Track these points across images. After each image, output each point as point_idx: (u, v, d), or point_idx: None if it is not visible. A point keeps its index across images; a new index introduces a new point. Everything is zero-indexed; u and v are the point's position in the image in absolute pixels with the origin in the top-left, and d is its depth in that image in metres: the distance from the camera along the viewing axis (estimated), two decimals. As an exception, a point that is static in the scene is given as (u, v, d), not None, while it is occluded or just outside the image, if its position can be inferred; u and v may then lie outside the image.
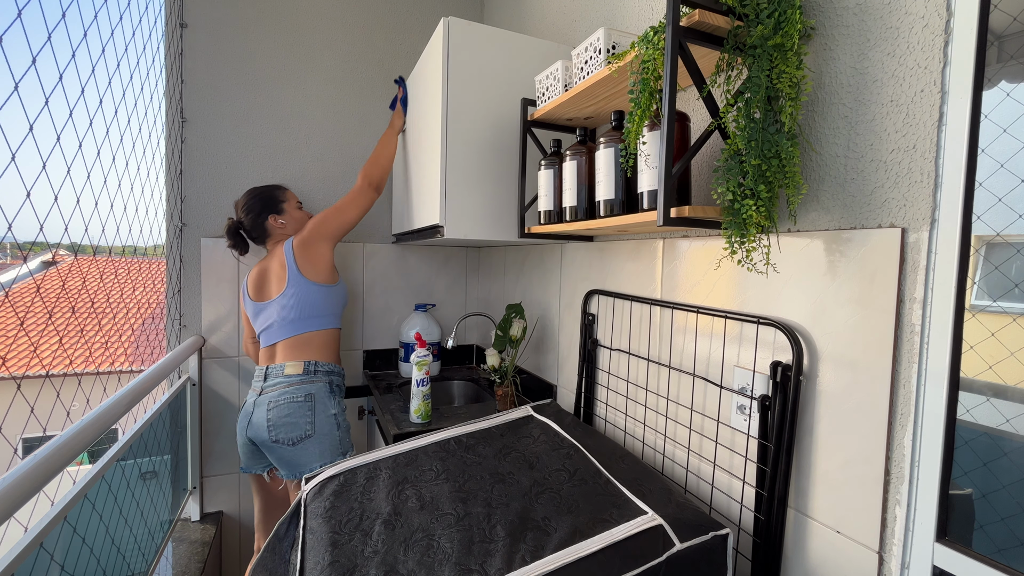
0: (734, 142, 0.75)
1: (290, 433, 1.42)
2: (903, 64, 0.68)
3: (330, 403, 1.49)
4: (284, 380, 1.48)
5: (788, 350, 0.82)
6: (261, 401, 1.46)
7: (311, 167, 1.99)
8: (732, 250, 0.77)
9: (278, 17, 1.91)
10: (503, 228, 1.45)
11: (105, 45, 1.18)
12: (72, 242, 1.06)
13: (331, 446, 1.46)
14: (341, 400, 1.56)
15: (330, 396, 1.50)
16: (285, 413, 1.43)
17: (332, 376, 1.54)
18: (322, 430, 1.45)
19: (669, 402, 1.09)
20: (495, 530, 0.80)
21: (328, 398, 1.49)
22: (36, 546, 0.84)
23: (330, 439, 1.46)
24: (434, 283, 2.21)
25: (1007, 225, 0.58)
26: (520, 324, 1.58)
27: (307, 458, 1.43)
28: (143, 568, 1.37)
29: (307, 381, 1.48)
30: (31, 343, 1.18)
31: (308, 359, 1.51)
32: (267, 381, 1.50)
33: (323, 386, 1.50)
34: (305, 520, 0.90)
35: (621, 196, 0.98)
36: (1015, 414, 0.58)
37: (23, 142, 0.83)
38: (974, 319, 0.61)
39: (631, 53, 0.87)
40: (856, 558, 0.74)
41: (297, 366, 1.49)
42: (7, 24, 0.79)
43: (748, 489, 0.89)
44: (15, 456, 2.67)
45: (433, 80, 1.43)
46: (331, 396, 1.50)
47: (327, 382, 1.51)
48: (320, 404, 1.47)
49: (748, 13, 0.74)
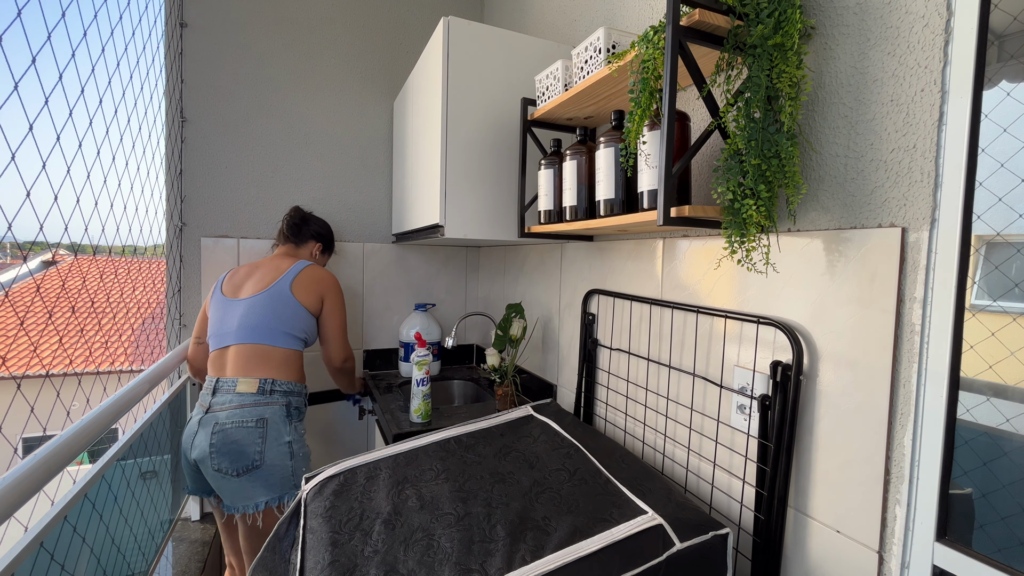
0: (734, 142, 0.75)
1: (234, 463, 1.25)
2: (903, 63, 0.68)
3: (284, 429, 1.31)
4: (235, 399, 1.30)
5: (788, 350, 0.82)
6: (207, 421, 1.29)
7: (311, 166, 1.99)
8: (732, 250, 0.77)
9: (278, 16, 1.91)
10: (503, 228, 1.45)
11: (105, 45, 1.18)
12: (72, 242, 1.06)
13: (280, 478, 1.29)
14: (300, 424, 1.38)
15: (285, 421, 1.33)
16: (231, 440, 1.26)
17: (291, 397, 1.36)
18: (272, 460, 1.28)
19: (669, 402, 1.09)
20: (495, 530, 0.80)
21: (283, 423, 1.32)
22: (36, 546, 0.84)
23: (280, 471, 1.29)
24: (434, 283, 2.21)
25: (1007, 225, 0.58)
26: (520, 324, 1.58)
27: (251, 491, 1.26)
28: (143, 568, 1.37)
29: (260, 403, 1.31)
30: (31, 343, 1.18)
31: (263, 376, 1.34)
32: (215, 397, 1.33)
33: (278, 410, 1.32)
34: (305, 519, 0.90)
35: (621, 196, 0.98)
36: (1015, 414, 0.58)
37: (23, 142, 0.83)
38: (974, 319, 0.61)
39: (631, 53, 0.87)
40: (856, 557, 0.74)
41: (251, 384, 1.32)
42: (7, 24, 0.79)
43: (748, 489, 0.89)
44: (15, 456, 2.67)
45: (433, 79, 1.43)
46: (286, 421, 1.33)
47: (284, 404, 1.34)
48: (273, 431, 1.29)
49: (748, 12, 0.74)
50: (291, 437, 1.33)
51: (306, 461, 1.38)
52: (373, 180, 2.09)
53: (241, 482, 1.26)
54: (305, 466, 1.36)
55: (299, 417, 1.39)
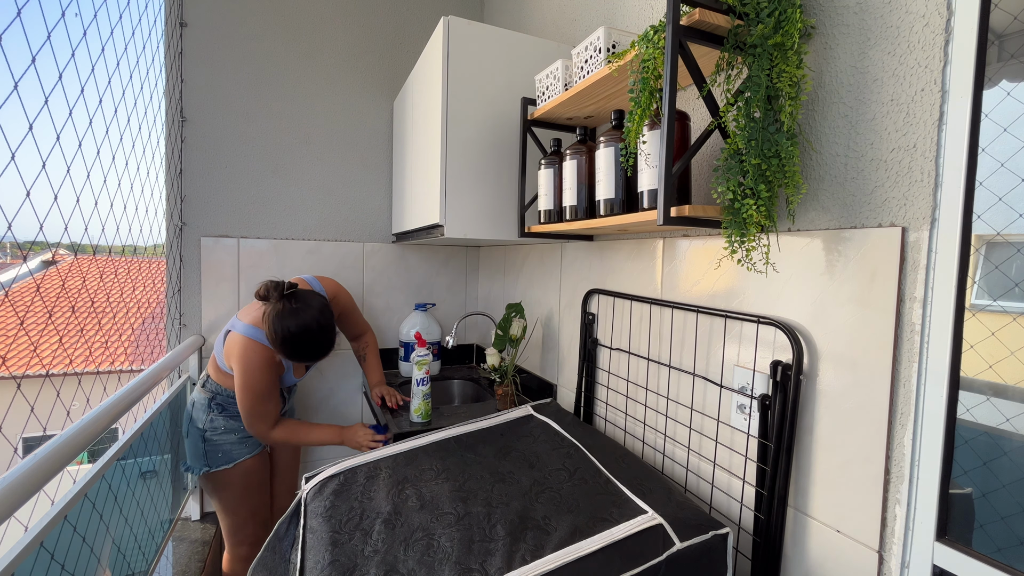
0: (734, 141, 0.75)
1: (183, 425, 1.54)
2: (903, 63, 0.68)
3: (202, 416, 1.48)
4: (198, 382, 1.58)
5: (788, 349, 0.82)
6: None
7: (311, 166, 1.99)
8: (732, 249, 0.77)
9: (278, 16, 1.91)
10: (503, 227, 1.45)
11: (105, 44, 1.18)
12: (72, 241, 1.06)
13: (194, 452, 1.48)
14: (218, 419, 1.47)
15: (205, 409, 1.48)
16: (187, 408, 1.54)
17: (216, 395, 1.49)
18: (192, 436, 1.49)
19: (669, 401, 1.09)
20: (495, 529, 0.80)
21: (203, 411, 1.48)
22: (36, 545, 0.84)
23: (194, 446, 1.48)
24: (434, 282, 2.21)
25: (1007, 224, 0.58)
26: (520, 323, 1.58)
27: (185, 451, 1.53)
28: (143, 567, 1.37)
29: (198, 389, 1.53)
30: (31, 342, 1.18)
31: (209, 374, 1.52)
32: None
33: (203, 398, 1.49)
34: (305, 519, 0.90)
35: (621, 195, 0.98)
36: (1015, 413, 0.58)
37: (23, 141, 0.83)
38: (974, 318, 0.61)
39: (631, 52, 0.86)
40: (856, 557, 0.74)
41: (204, 375, 1.55)
42: (7, 23, 0.79)
43: (748, 488, 0.89)
44: (15, 455, 2.67)
45: (433, 79, 1.43)
46: (206, 410, 1.48)
47: (207, 398, 1.49)
48: (197, 412, 1.49)
49: (748, 12, 0.74)
50: (205, 426, 1.47)
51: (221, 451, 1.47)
52: (373, 180, 2.09)
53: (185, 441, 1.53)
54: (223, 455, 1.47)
55: (220, 413, 1.49)
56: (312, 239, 2.00)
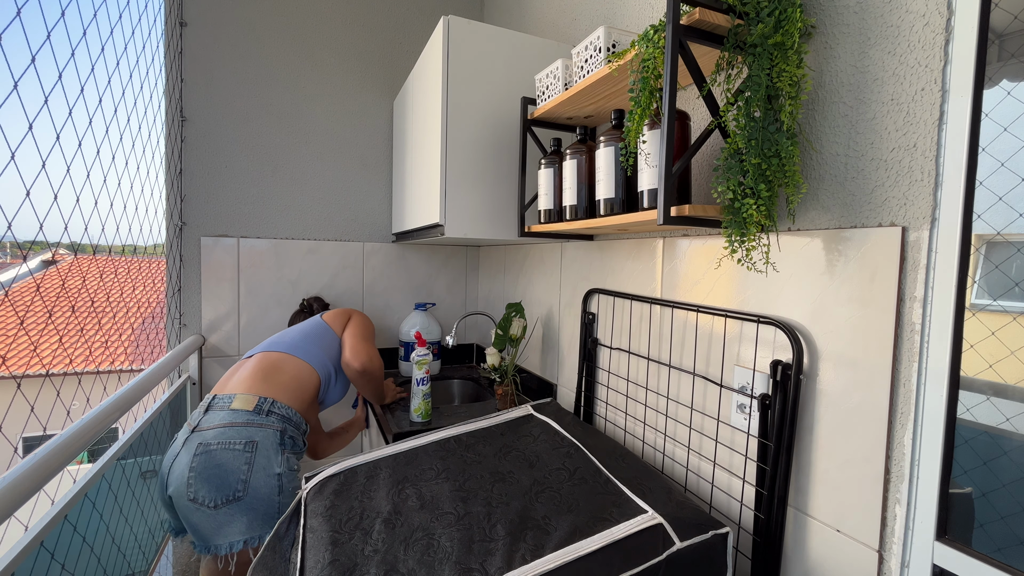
0: (734, 141, 0.75)
1: (213, 491, 1.06)
2: (904, 62, 0.68)
3: (275, 459, 1.14)
4: (227, 416, 1.15)
5: (788, 349, 0.82)
6: (192, 440, 1.12)
7: (311, 165, 1.99)
8: (732, 249, 0.77)
9: (278, 15, 1.91)
10: (503, 227, 1.45)
11: (105, 44, 1.18)
12: (72, 241, 1.06)
13: (264, 515, 1.10)
14: (292, 458, 1.19)
15: (277, 450, 1.15)
16: (215, 463, 1.08)
17: (287, 424, 1.20)
18: (257, 492, 1.09)
19: (669, 401, 1.09)
20: (495, 529, 0.80)
21: (275, 452, 1.14)
22: (36, 545, 0.84)
23: (266, 505, 1.10)
24: (434, 282, 2.21)
25: (1008, 224, 0.58)
26: (520, 323, 1.58)
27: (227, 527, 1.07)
28: (144, 567, 1.37)
29: (253, 423, 1.15)
30: (31, 342, 1.18)
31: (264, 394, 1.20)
32: (207, 414, 1.17)
33: (271, 434, 1.15)
34: (305, 519, 0.90)
35: (621, 195, 0.98)
36: (1015, 413, 0.58)
37: (22, 141, 0.83)
38: (974, 318, 0.61)
39: (631, 52, 0.86)
40: (856, 556, 0.74)
41: (248, 401, 1.17)
42: (6, 23, 0.79)
43: (748, 488, 0.89)
44: (15, 455, 2.67)
45: (433, 79, 1.42)
46: (278, 450, 1.15)
47: (278, 430, 1.17)
48: (262, 457, 1.12)
49: (748, 11, 0.74)
50: (281, 469, 1.14)
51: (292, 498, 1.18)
52: (373, 179, 2.09)
53: (217, 516, 1.07)
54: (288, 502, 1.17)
55: (293, 449, 1.21)
56: (312, 239, 2.00)
